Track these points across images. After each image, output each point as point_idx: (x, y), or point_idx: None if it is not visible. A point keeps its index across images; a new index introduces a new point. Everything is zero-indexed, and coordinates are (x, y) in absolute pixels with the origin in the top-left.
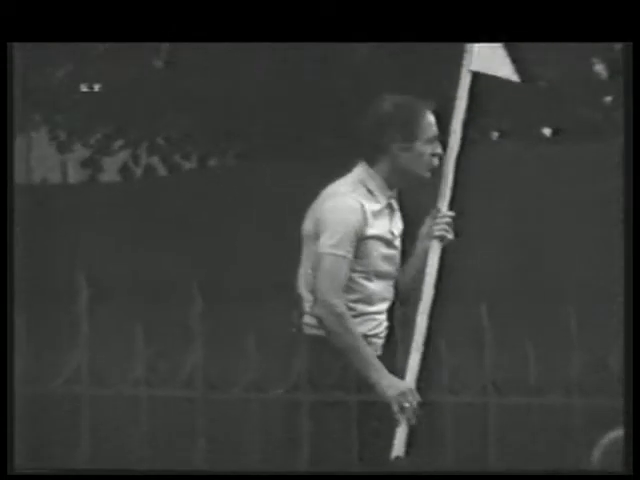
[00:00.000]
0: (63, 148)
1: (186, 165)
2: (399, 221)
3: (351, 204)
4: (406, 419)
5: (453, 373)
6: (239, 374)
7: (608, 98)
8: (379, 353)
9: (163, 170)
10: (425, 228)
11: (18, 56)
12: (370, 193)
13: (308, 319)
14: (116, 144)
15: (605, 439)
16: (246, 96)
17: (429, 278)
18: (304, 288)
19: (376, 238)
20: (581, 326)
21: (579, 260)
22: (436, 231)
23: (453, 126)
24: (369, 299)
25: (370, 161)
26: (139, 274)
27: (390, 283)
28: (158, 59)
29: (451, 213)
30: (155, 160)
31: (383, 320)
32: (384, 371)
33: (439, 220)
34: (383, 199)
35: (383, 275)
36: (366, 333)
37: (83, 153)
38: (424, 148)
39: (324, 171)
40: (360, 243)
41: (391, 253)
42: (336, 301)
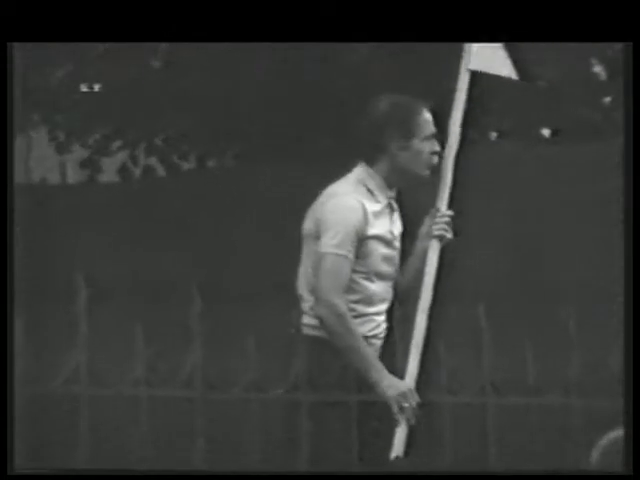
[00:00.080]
0: (62, 149)
1: (185, 166)
2: (398, 221)
3: (352, 204)
4: (406, 419)
5: (452, 373)
6: (238, 374)
7: (607, 99)
8: (378, 354)
9: (162, 171)
10: (424, 228)
11: (18, 56)
12: (370, 193)
13: (307, 319)
14: (114, 145)
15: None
16: (246, 96)
17: (428, 278)
18: (304, 288)
19: (376, 238)
20: (580, 326)
21: (579, 260)
22: (435, 231)
23: (452, 126)
24: (369, 300)
25: (369, 161)
26: (138, 274)
27: (390, 284)
28: (156, 59)
29: (450, 213)
30: (154, 161)
31: (382, 321)
32: (384, 371)
33: (438, 220)
34: (383, 199)
35: (383, 276)
36: (365, 334)
37: (82, 154)
38: (422, 146)
39: (324, 172)
40: (361, 243)
41: (391, 253)
42: (338, 301)
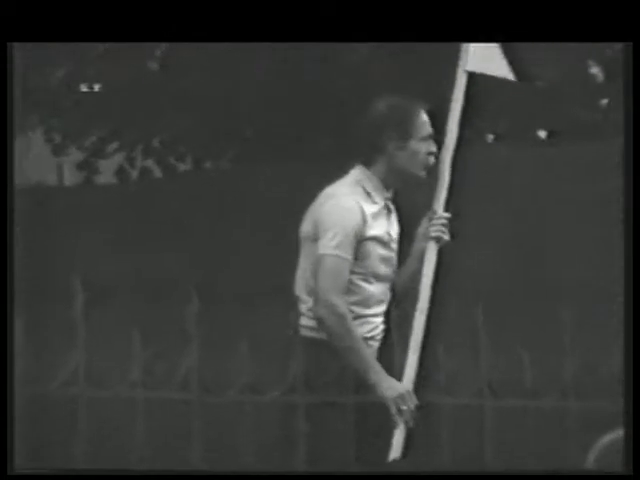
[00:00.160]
0: (58, 151)
1: (181, 167)
2: (396, 222)
3: (350, 205)
4: (404, 421)
5: (450, 375)
6: (235, 376)
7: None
8: (376, 355)
9: (159, 172)
10: (422, 229)
11: (18, 56)
12: (367, 194)
13: (305, 321)
14: (111, 147)
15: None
16: (245, 96)
17: (426, 279)
18: (301, 290)
19: (374, 239)
20: (580, 327)
21: (578, 260)
22: (432, 232)
23: (449, 127)
24: (366, 301)
25: (367, 162)
26: (135, 276)
27: (387, 285)
28: (154, 61)
29: (447, 215)
30: (150, 162)
31: (380, 323)
32: (383, 373)
33: (435, 221)
34: (380, 200)
35: (381, 277)
36: (363, 335)
37: (79, 156)
38: (419, 146)
39: (323, 172)
40: (359, 245)
41: (388, 255)
42: (338, 302)
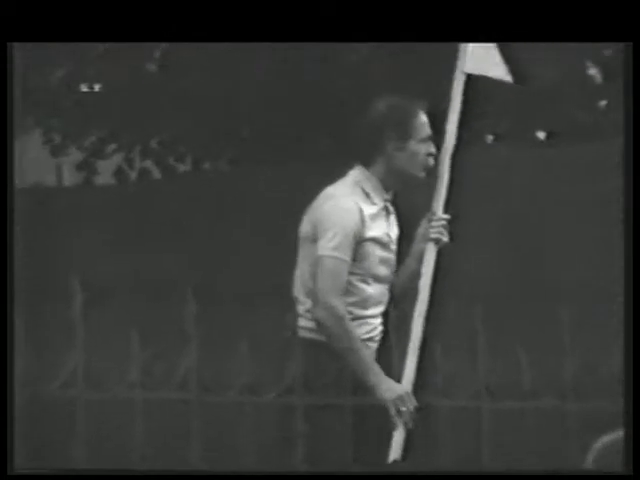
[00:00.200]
0: (57, 151)
1: (180, 168)
2: (395, 224)
3: (349, 206)
4: (403, 423)
5: (448, 377)
6: (234, 377)
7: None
8: (374, 357)
9: (157, 173)
10: (421, 230)
11: (18, 56)
12: (366, 195)
13: (303, 322)
14: (110, 147)
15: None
16: (245, 96)
17: (425, 280)
18: (300, 291)
19: (373, 241)
20: (579, 328)
21: (578, 260)
22: (432, 234)
23: (448, 128)
24: (365, 303)
25: (366, 163)
26: (134, 277)
27: (386, 286)
28: (152, 63)
29: (446, 216)
30: (149, 163)
31: (378, 324)
32: (382, 375)
33: (434, 223)
34: (379, 201)
35: (380, 278)
36: (362, 337)
37: (78, 156)
38: (418, 147)
39: (321, 173)
40: (358, 246)
41: (387, 256)
42: (337, 303)
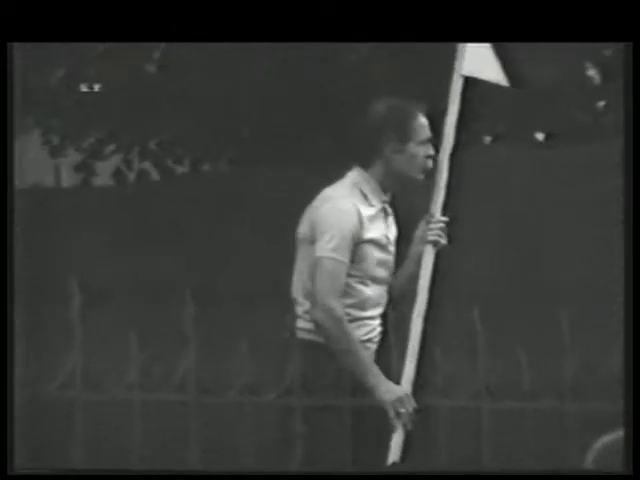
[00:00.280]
0: (56, 152)
1: (179, 169)
2: (393, 225)
3: (348, 208)
4: (402, 425)
5: (447, 377)
6: (232, 378)
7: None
8: (373, 358)
9: (156, 175)
10: (419, 231)
11: (18, 56)
12: (365, 197)
13: (302, 323)
14: (108, 148)
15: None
16: (245, 97)
17: (424, 282)
18: (298, 292)
19: (372, 242)
20: (579, 328)
21: (578, 260)
22: (430, 236)
23: (446, 130)
24: (363, 304)
25: (364, 165)
26: (132, 278)
27: (384, 288)
28: (151, 63)
29: (445, 218)
30: (147, 165)
31: (377, 325)
32: (381, 376)
33: (433, 225)
34: (377, 203)
35: (378, 280)
36: (360, 338)
37: (76, 157)
38: (417, 150)
39: (321, 174)
40: (356, 247)
41: (386, 257)
42: (335, 304)
